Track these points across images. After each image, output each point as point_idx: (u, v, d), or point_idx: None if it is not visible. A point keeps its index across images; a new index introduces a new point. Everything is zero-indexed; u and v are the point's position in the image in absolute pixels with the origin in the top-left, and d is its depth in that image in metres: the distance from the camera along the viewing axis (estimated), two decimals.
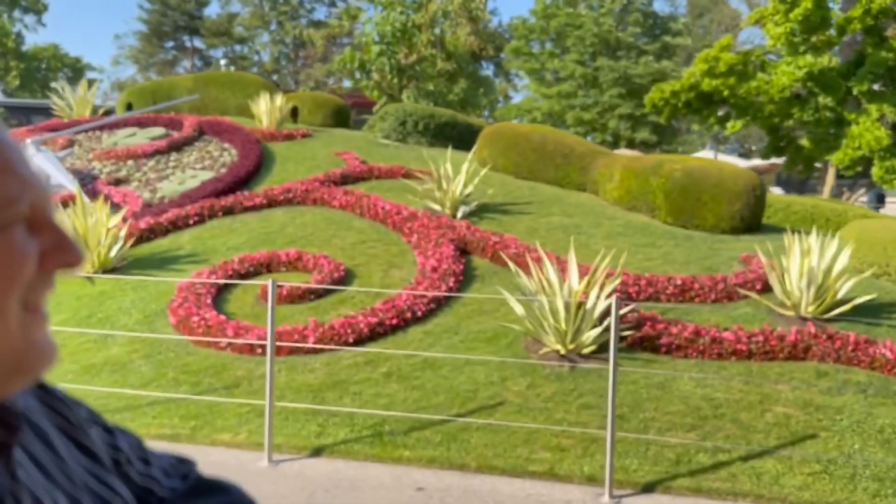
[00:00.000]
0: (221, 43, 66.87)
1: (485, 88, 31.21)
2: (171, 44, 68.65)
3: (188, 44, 68.38)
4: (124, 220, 9.03)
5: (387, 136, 14.27)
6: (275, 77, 63.78)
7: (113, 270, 8.53)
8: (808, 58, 24.14)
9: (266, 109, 13.95)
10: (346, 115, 15.77)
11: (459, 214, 9.72)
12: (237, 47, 67.78)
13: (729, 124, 27.23)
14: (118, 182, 11.60)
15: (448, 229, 9.03)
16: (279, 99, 14.14)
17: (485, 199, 10.30)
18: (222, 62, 24.38)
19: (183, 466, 0.79)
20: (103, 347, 6.89)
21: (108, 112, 16.85)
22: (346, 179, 11.34)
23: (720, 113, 27.56)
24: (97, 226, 8.43)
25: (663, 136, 48.07)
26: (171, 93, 16.23)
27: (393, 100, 26.86)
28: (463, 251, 8.67)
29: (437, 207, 9.94)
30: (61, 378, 6.30)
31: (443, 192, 9.89)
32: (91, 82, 16.41)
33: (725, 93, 25.37)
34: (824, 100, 24.52)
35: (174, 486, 0.76)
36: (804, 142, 27.03)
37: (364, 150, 13.17)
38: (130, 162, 12.51)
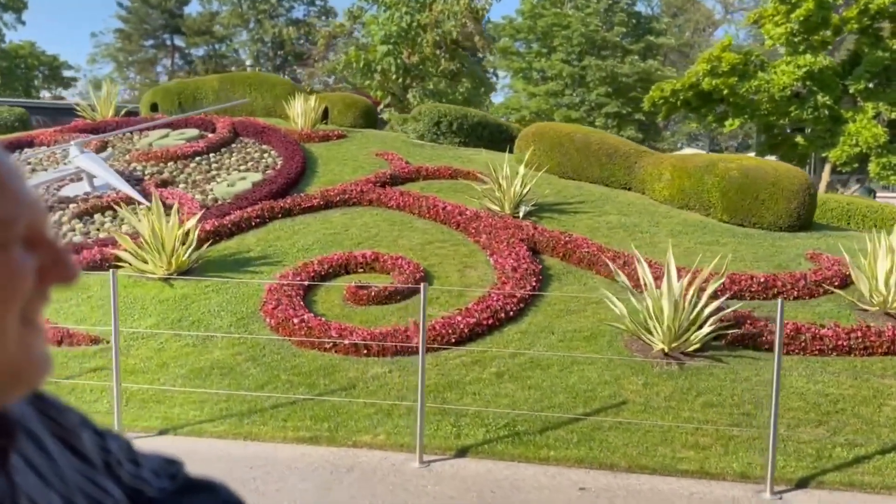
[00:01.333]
0: (203, 42, 66.18)
1: (485, 88, 31.34)
2: (150, 42, 67.78)
3: (168, 42, 67.59)
4: (198, 222, 9.00)
5: (421, 136, 14.32)
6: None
7: (187, 272, 8.50)
8: (808, 57, 24.61)
9: (302, 111, 13.92)
10: (374, 115, 15.79)
11: (521, 214, 9.82)
12: (217, 46, 67.12)
13: (727, 122, 27.66)
14: (165, 184, 11.52)
15: (515, 229, 9.14)
16: (313, 100, 14.12)
17: (540, 198, 10.41)
18: (248, 62, 24.14)
19: (171, 467, 0.81)
20: (204, 351, 6.89)
21: (132, 113, 16.67)
22: (395, 180, 11.38)
23: (717, 111, 28.03)
24: (173, 228, 8.39)
25: (648, 134, 48.66)
26: (195, 93, 16.12)
27: (397, 99, 26.92)
28: (532, 251, 8.78)
29: (495, 207, 10.04)
30: (172, 381, 6.32)
31: (502, 192, 9.98)
32: (113, 83, 16.22)
33: (725, 91, 25.78)
34: (822, 98, 25.00)
35: (163, 486, 0.77)
36: (799, 139, 27.54)
37: (401, 150, 13.21)
38: (171, 163, 12.42)
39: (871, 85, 25.38)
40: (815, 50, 25.27)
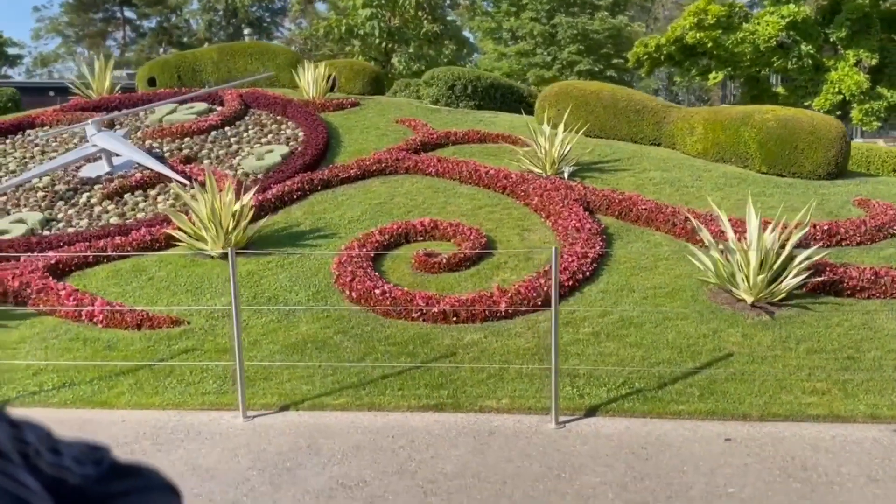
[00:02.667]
0: (155, 13, 64.30)
1: (467, 49, 31.02)
2: (100, 15, 65.71)
3: (119, 15, 65.58)
4: (252, 196, 8.82)
5: (435, 101, 14.17)
6: (206, 45, 61.74)
7: (244, 249, 8.36)
8: (791, 7, 24.81)
9: (313, 79, 13.64)
10: (382, 82, 15.55)
11: (566, 174, 9.82)
12: (170, 16, 65.25)
13: (711, 75, 27.87)
14: (188, 160, 11.24)
15: (567, 190, 9.15)
16: (322, 68, 13.84)
17: (577, 158, 10.41)
18: (246, 33, 23.36)
19: (95, 453, 0.79)
20: (290, 326, 6.82)
21: (127, 90, 16.16)
22: (425, 147, 11.27)
23: (701, 65, 28.18)
24: (230, 204, 8.22)
25: None
26: (194, 65, 15.70)
27: (380, 65, 26.52)
28: (586, 211, 8.80)
29: (537, 170, 10.02)
30: (269, 358, 6.25)
31: (544, 153, 9.95)
32: (108, 58, 15.66)
33: (710, 45, 25.93)
34: (805, 48, 25.29)
35: (87, 472, 0.76)
36: (780, 89, 27.90)
37: (419, 116, 13.06)
38: (187, 139, 12.12)
39: (851, 33, 25.71)
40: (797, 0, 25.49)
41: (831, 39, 25.78)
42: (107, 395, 5.78)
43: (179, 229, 8.40)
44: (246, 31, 41.89)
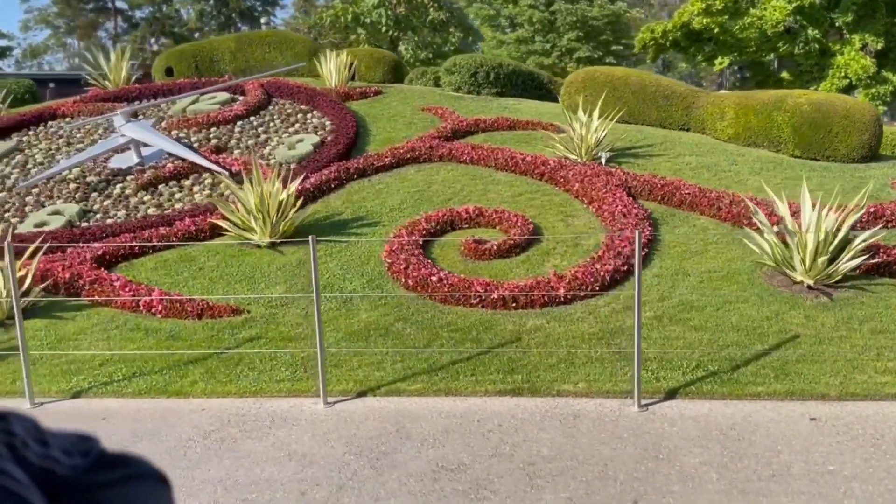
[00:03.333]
0: (147, 2, 63.66)
1: (473, 37, 30.95)
2: (91, 5, 65.10)
3: (110, 5, 64.99)
4: (299, 186, 8.82)
5: (457, 89, 14.15)
6: (196, 35, 61.47)
7: (290, 238, 8.36)
8: None
9: (335, 68, 13.60)
10: (401, 70, 15.50)
11: (603, 160, 9.85)
12: (162, 7, 64.61)
13: (717, 61, 27.90)
14: (219, 150, 11.21)
15: (607, 175, 9.18)
16: (344, 56, 13.80)
17: (609, 144, 10.44)
18: (263, 21, 23.13)
19: (83, 444, 0.79)
20: (349, 314, 6.84)
21: (142, 80, 16.05)
22: (455, 134, 11.27)
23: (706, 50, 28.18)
24: (277, 194, 8.22)
25: None
26: (212, 55, 15.61)
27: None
28: (629, 196, 8.83)
29: (573, 156, 10.04)
30: (336, 344, 6.27)
31: (580, 139, 9.97)
32: (124, 49, 15.55)
33: (716, 30, 25.97)
34: (812, 32, 25.33)
35: (75, 463, 0.76)
36: (784, 74, 27.96)
37: (444, 104, 13.04)
38: (214, 129, 12.07)
39: (856, 17, 25.76)
40: None
41: (837, 24, 25.83)
42: (180, 384, 5.79)
43: (225, 219, 8.40)
44: (264, 21, 41.52)
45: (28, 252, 7.30)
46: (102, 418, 5.27)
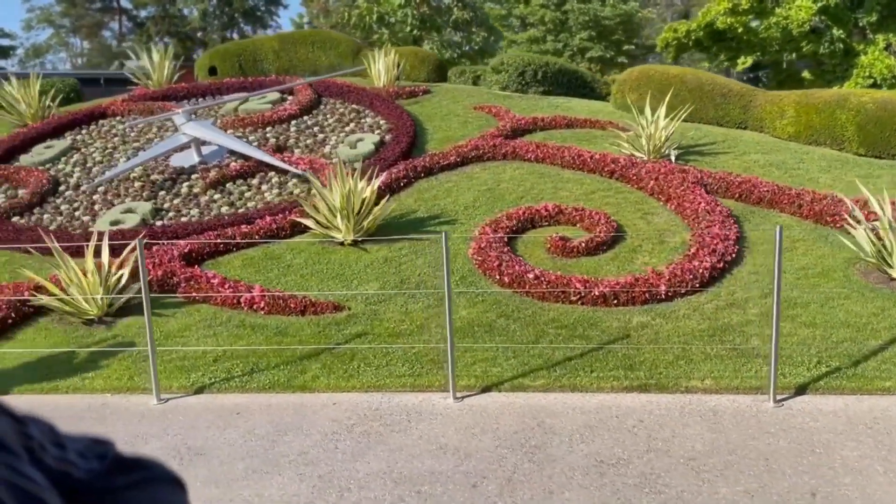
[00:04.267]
0: (154, 2, 63.55)
1: (495, 36, 31.00)
2: (97, 5, 65.05)
3: (115, 4, 64.92)
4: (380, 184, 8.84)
5: (504, 87, 14.18)
6: (200, 34, 61.49)
7: (371, 236, 8.39)
8: None
9: (384, 68, 13.62)
10: (445, 69, 15.53)
11: (673, 158, 9.88)
12: (166, 7, 64.47)
13: (740, 60, 27.96)
14: (280, 149, 11.23)
15: (681, 173, 9.20)
16: (393, 56, 13.82)
17: (677, 142, 10.47)
18: (302, 21, 23.13)
19: (99, 447, 0.80)
20: (452, 310, 6.84)
21: (182, 79, 16.04)
22: (515, 133, 11.30)
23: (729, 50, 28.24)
24: (361, 192, 8.25)
25: None
26: (255, 54, 15.63)
27: None
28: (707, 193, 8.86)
29: (640, 154, 10.07)
30: (443, 340, 6.29)
31: (647, 137, 10.00)
32: (166, 48, 15.54)
33: (740, 30, 26.05)
34: (836, 32, 25.41)
35: (92, 467, 0.77)
36: (806, 74, 28.05)
37: (494, 103, 13.07)
38: (269, 128, 12.09)
39: (880, 17, 25.84)
40: None
41: (860, 24, 25.93)
42: (302, 380, 5.81)
43: (307, 216, 8.43)
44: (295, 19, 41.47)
45: (128, 249, 7.31)
46: (236, 413, 5.30)
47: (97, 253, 7.29)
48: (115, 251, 7.48)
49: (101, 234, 7.52)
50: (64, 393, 5.79)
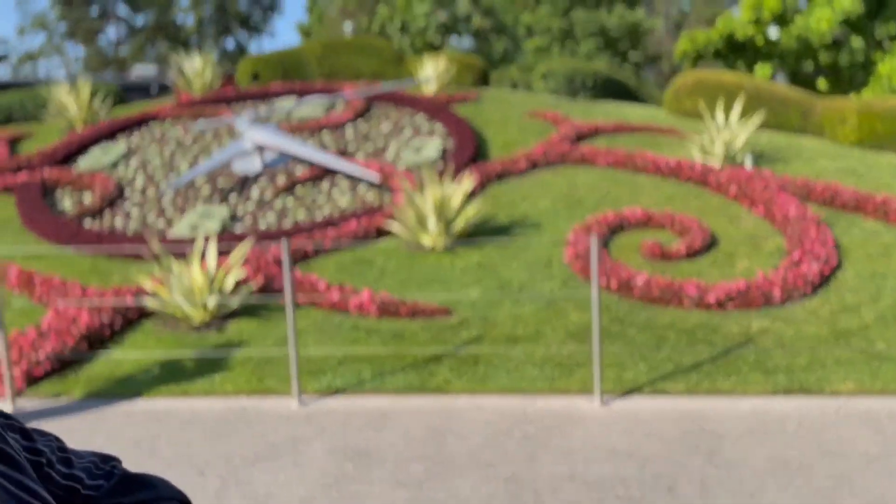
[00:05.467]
0: (153, 8, 63.44)
1: (514, 44, 31.14)
2: (95, 11, 64.94)
3: (109, 9, 64.74)
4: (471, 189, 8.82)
5: (554, 93, 14.20)
6: (195, 39, 61.53)
7: (459, 239, 8.36)
8: (845, 2, 25.13)
9: (434, 73, 13.62)
10: (488, 76, 15.55)
11: (749, 164, 9.90)
12: (167, 13, 64.38)
13: (757, 69, 28.14)
14: (341, 154, 11.18)
15: (761, 178, 9.22)
16: (442, 62, 13.83)
17: (748, 148, 10.50)
18: (348, 28, 22.85)
19: (106, 464, 0.80)
20: (560, 316, 6.83)
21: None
22: (578, 138, 11.31)
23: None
24: (453, 196, 8.22)
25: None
26: (298, 60, 15.60)
27: None
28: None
29: (713, 161, 10.09)
30: (564, 344, 6.26)
31: (724, 143, 10.02)
32: (208, 54, 15.49)
33: (760, 40, 26.27)
34: (856, 42, 25.68)
35: (98, 483, 0.78)
36: (821, 82, 28.29)
37: (546, 108, 13.07)
38: (325, 134, 12.06)
39: None
40: None
41: (878, 36, 26.22)
42: (435, 383, 5.77)
43: (396, 220, 8.39)
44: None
45: (238, 252, 7.23)
46: (383, 415, 5.24)
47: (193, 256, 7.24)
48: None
49: (207, 238, 7.45)
50: (195, 397, 5.72)
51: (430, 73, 13.74)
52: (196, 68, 14.95)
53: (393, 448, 4.70)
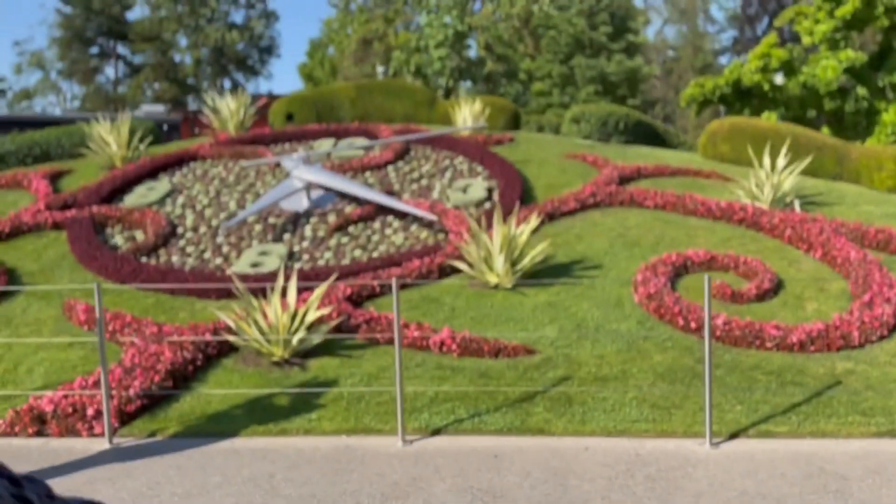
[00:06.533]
0: (153, 48, 64.09)
1: (523, 87, 31.61)
2: (94, 50, 65.53)
3: (108, 48, 65.39)
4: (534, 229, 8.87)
5: (587, 136, 14.40)
6: (191, 81, 62.15)
7: (522, 277, 8.38)
8: (850, 52, 25.78)
9: (470, 115, 13.81)
10: (520, 119, 15.76)
11: (797, 207, 10.04)
12: (160, 52, 65.01)
13: (764, 116, 28.68)
14: (389, 194, 11.25)
15: (814, 222, 9.34)
16: (478, 104, 14.03)
17: (794, 191, 10.65)
18: (380, 70, 23.26)
19: None
20: (643, 356, 6.84)
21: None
22: (622, 180, 11.45)
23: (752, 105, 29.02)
24: (520, 235, 8.28)
25: None
26: (332, 101, 15.77)
27: None
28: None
29: (761, 204, 10.22)
30: (655, 384, 6.26)
31: (773, 186, 10.17)
32: (240, 91, 15.61)
33: (766, 87, 26.82)
34: (861, 91, 26.27)
35: None
36: (825, 130, 28.83)
37: (581, 150, 13.24)
38: (368, 173, 12.15)
39: None
40: (851, 45, 26.55)
41: (881, 84, 26.86)
42: (533, 422, 5.73)
43: (463, 260, 8.43)
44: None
45: (320, 290, 7.21)
46: (494, 455, 5.20)
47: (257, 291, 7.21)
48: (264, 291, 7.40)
49: (287, 275, 7.45)
50: (295, 435, 5.66)
51: (467, 116, 13.92)
52: (231, 108, 15.06)
53: (519, 490, 4.65)
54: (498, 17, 26.51)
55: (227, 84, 63.27)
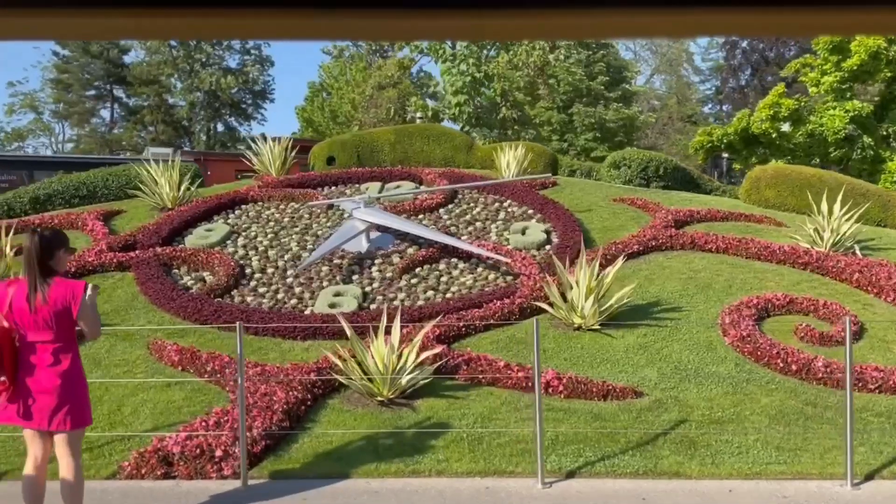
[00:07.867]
0: (152, 91, 64.53)
1: (536, 133, 32.07)
2: (92, 92, 65.90)
3: (105, 91, 65.75)
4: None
5: (627, 181, 14.62)
6: (186, 123, 62.66)
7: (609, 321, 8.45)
8: (855, 103, 26.49)
9: (514, 160, 14.02)
10: (557, 164, 16.00)
11: (858, 252, 10.22)
12: (156, 96, 65.38)
13: (770, 163, 29.25)
14: (449, 235, 11.33)
15: (879, 267, 9.51)
16: (521, 150, 14.25)
17: (852, 237, 10.85)
18: (417, 114, 23.28)
19: None
20: (751, 397, 6.88)
21: (306, 168, 16.22)
22: (677, 224, 11.61)
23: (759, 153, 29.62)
24: (603, 277, 8.37)
25: None
26: (372, 145, 15.93)
27: None
28: None
29: (819, 248, 10.39)
30: (770, 426, 6.29)
31: (833, 231, 10.36)
32: (276, 137, 15.76)
33: (774, 135, 27.43)
34: (867, 140, 26.94)
35: None
36: None
37: (625, 195, 13.43)
38: (421, 215, 12.24)
39: None
40: (857, 95, 27.29)
41: (885, 133, 27.57)
42: (665, 465, 5.73)
43: (548, 301, 8.49)
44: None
45: (423, 332, 7.23)
46: (642, 499, 5.19)
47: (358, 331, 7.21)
48: (361, 332, 7.41)
49: (391, 315, 7.47)
50: (428, 476, 5.62)
51: (511, 160, 14.12)
52: (274, 153, 15.17)
53: None
54: (514, 65, 26.99)
55: (220, 127, 63.74)
